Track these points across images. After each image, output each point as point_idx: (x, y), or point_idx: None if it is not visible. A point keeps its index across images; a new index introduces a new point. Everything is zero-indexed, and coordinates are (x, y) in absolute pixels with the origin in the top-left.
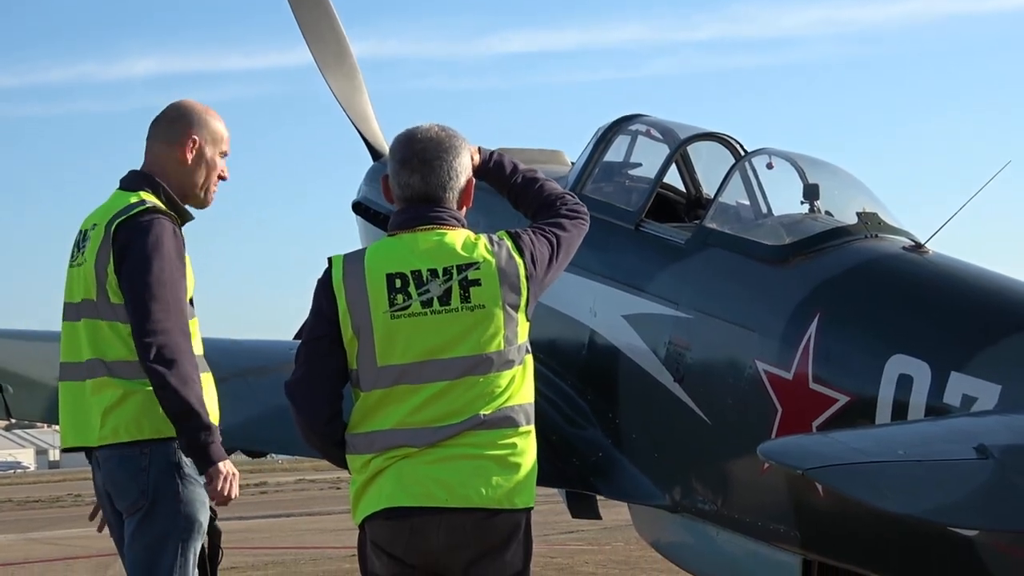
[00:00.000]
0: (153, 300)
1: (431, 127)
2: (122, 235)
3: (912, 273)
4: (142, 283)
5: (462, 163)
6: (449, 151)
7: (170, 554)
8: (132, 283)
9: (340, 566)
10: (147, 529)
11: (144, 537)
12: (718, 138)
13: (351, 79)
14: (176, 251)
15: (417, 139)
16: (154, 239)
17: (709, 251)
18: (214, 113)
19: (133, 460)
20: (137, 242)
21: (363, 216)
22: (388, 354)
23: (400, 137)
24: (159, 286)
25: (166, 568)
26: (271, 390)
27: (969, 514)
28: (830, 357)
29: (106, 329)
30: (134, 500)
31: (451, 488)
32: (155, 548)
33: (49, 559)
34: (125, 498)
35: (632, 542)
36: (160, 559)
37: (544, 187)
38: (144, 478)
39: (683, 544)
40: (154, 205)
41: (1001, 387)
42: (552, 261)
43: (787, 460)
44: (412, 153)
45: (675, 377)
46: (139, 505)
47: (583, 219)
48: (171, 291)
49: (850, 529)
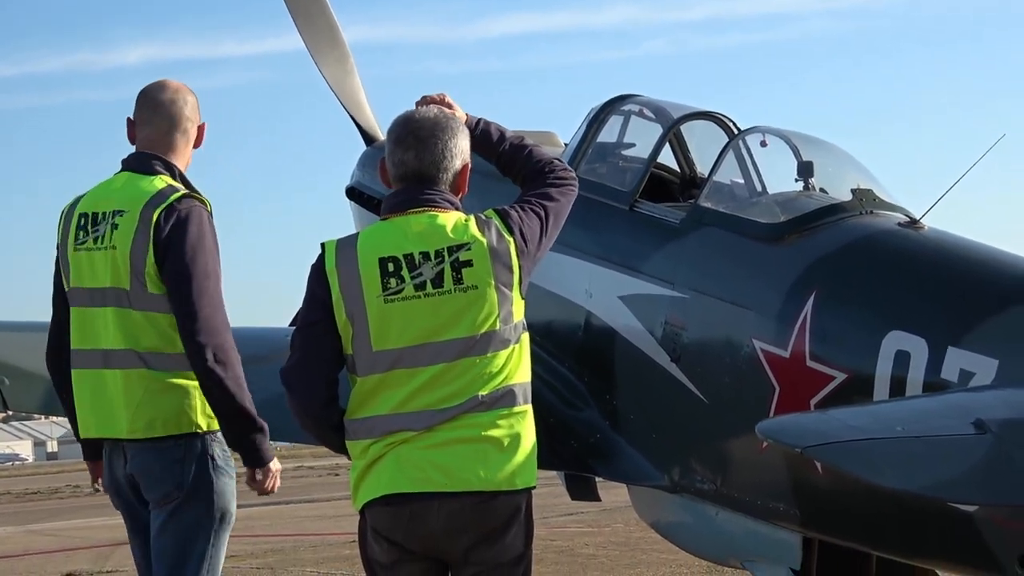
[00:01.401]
0: (203, 295)
1: (429, 108)
2: (164, 224)
3: (908, 249)
4: (190, 277)
5: (458, 145)
6: (445, 131)
7: (202, 544)
8: (179, 276)
9: (340, 552)
10: (180, 520)
11: (177, 528)
12: (711, 117)
13: (343, 64)
14: (214, 239)
15: (415, 119)
16: (197, 229)
17: (704, 230)
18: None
19: (168, 452)
20: (181, 233)
21: (357, 201)
22: (383, 338)
23: (398, 118)
24: (206, 279)
25: (197, 558)
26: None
27: (968, 489)
28: (827, 335)
29: (140, 319)
30: (168, 492)
31: (450, 472)
32: (188, 538)
33: (49, 550)
34: (158, 489)
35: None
36: (192, 549)
37: (532, 154)
38: (179, 470)
39: (682, 524)
40: (187, 192)
41: (999, 362)
42: (543, 235)
43: (785, 438)
44: (408, 131)
45: (672, 357)
46: (173, 497)
47: (571, 185)
48: (215, 284)
49: (849, 506)
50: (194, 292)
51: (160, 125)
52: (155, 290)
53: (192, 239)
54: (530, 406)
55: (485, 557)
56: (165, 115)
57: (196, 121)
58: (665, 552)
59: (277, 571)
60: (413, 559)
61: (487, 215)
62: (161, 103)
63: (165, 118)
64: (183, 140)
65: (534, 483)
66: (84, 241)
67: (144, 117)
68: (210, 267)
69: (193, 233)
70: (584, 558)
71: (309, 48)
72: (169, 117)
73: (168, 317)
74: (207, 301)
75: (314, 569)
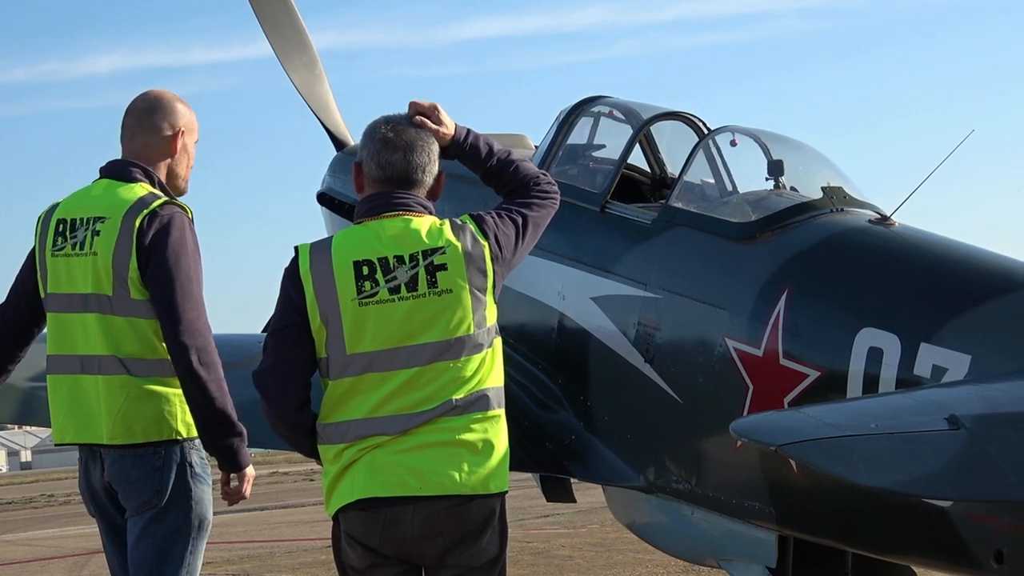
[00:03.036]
0: (187, 299)
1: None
2: (147, 229)
3: (879, 246)
4: (174, 281)
5: (436, 152)
6: (429, 138)
7: (180, 552)
8: (163, 281)
9: (316, 558)
10: (159, 527)
11: (156, 535)
12: (681, 117)
13: (311, 69)
14: (196, 245)
15: (399, 124)
16: (179, 234)
17: (675, 230)
18: (187, 102)
19: (147, 459)
20: (164, 238)
21: (328, 207)
22: (357, 342)
23: (379, 122)
24: (189, 283)
25: (175, 565)
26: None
27: (943, 485)
28: (799, 333)
29: (123, 325)
30: (147, 499)
31: (424, 476)
32: (167, 547)
33: (24, 560)
34: (137, 497)
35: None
36: (171, 557)
37: (519, 169)
38: (158, 478)
39: (658, 524)
40: (169, 198)
41: (971, 357)
42: (519, 241)
43: (760, 437)
44: (396, 134)
45: (645, 358)
46: (151, 504)
47: (553, 198)
48: (198, 288)
49: (825, 504)
50: (178, 295)
51: (129, 137)
52: (138, 296)
53: (175, 244)
54: (503, 411)
55: (461, 560)
56: (146, 125)
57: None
58: (641, 552)
59: None
60: (387, 564)
61: (462, 220)
62: (141, 113)
63: (135, 130)
64: (161, 148)
65: (507, 487)
66: (62, 247)
67: (127, 126)
68: (193, 272)
69: (176, 238)
70: (560, 559)
71: (278, 54)
72: (149, 127)
73: (151, 323)
74: (191, 304)
75: (290, 575)
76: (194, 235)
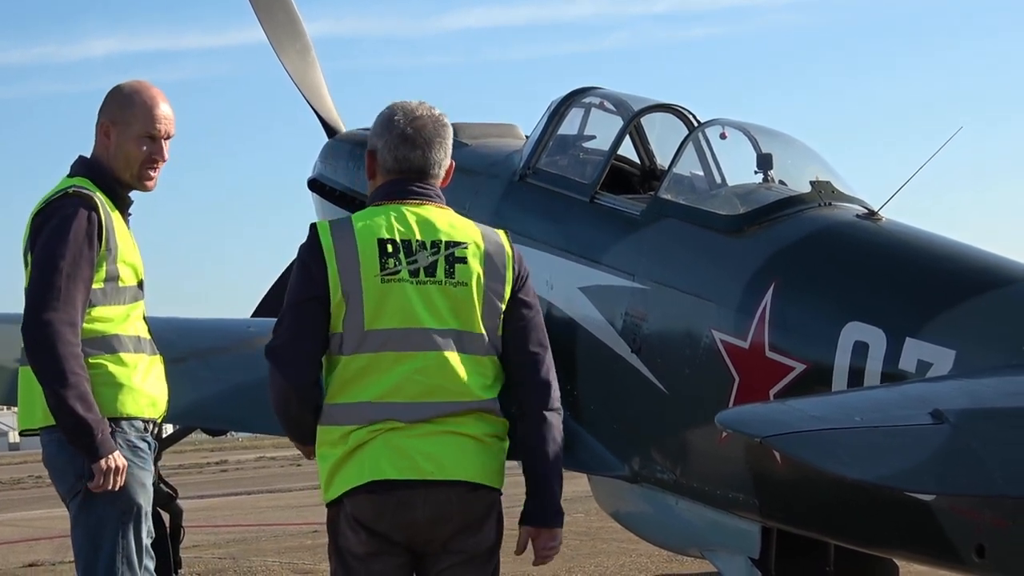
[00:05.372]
0: (41, 286)
1: (421, 104)
2: (37, 221)
3: (866, 241)
4: (36, 267)
5: (451, 145)
6: (446, 129)
7: (109, 540)
8: (31, 269)
9: (302, 542)
10: (86, 515)
11: (83, 523)
12: (671, 109)
13: (304, 56)
14: (79, 235)
15: (417, 116)
16: (58, 222)
17: (664, 222)
18: (145, 94)
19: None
20: (44, 228)
21: (318, 192)
22: (375, 318)
23: (395, 112)
24: (52, 272)
25: (107, 554)
26: (229, 369)
27: (926, 479)
28: (786, 325)
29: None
30: (71, 484)
31: (438, 461)
32: (94, 534)
33: (11, 540)
34: (63, 482)
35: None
36: (100, 545)
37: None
38: (80, 461)
39: (643, 514)
40: (75, 190)
41: (956, 352)
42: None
43: (745, 428)
44: (415, 130)
45: (632, 348)
46: (76, 489)
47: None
48: (65, 276)
49: (808, 496)
50: (34, 282)
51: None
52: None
53: (49, 232)
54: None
55: (464, 547)
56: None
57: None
58: (626, 542)
59: (239, 560)
60: (391, 551)
61: (500, 232)
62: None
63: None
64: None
65: (502, 487)
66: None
67: None
68: (60, 261)
69: (53, 225)
70: None
71: (271, 41)
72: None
73: None
74: (43, 291)
75: (276, 559)
76: (88, 225)
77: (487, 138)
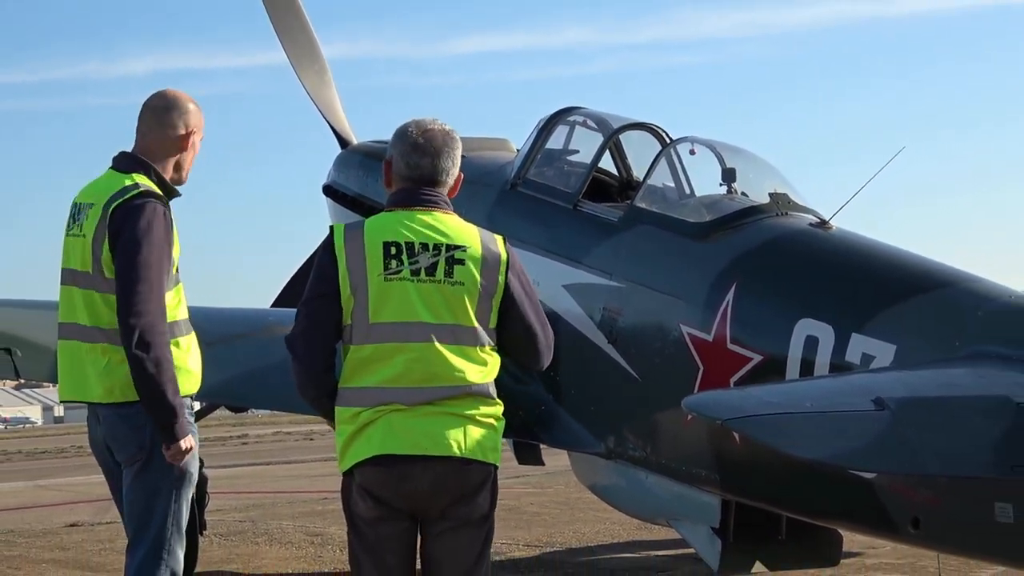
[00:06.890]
0: (139, 282)
1: (434, 120)
2: (118, 217)
3: (818, 246)
4: (130, 265)
5: (459, 156)
6: (454, 141)
7: (164, 500)
8: (122, 264)
9: (313, 508)
10: (144, 479)
11: (141, 486)
12: (647, 127)
13: (321, 76)
14: (163, 233)
15: (428, 128)
16: (145, 223)
17: (639, 228)
18: (196, 102)
19: (132, 417)
20: (130, 225)
21: (332, 198)
22: (379, 312)
23: (409, 126)
24: (146, 268)
25: (161, 513)
26: (251, 353)
27: (867, 459)
28: (745, 321)
29: (100, 300)
30: (132, 453)
31: (435, 438)
32: (151, 496)
33: (55, 503)
34: (124, 451)
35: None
36: (156, 505)
37: None
38: (143, 434)
39: (617, 487)
40: (148, 188)
41: (896, 346)
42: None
43: (708, 412)
44: (426, 140)
45: (609, 339)
46: (137, 457)
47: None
48: (157, 273)
49: (763, 473)
50: (131, 278)
51: (146, 131)
52: (110, 275)
53: (139, 231)
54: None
55: (459, 514)
56: (152, 122)
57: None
58: (600, 511)
59: (258, 523)
60: (396, 517)
61: (498, 237)
62: (158, 111)
63: (152, 125)
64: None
65: (499, 463)
66: (72, 228)
67: (144, 121)
68: (153, 257)
69: (141, 225)
70: (529, 515)
71: (291, 61)
72: (165, 124)
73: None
74: (143, 287)
75: (291, 522)
76: (165, 223)
77: (482, 150)
